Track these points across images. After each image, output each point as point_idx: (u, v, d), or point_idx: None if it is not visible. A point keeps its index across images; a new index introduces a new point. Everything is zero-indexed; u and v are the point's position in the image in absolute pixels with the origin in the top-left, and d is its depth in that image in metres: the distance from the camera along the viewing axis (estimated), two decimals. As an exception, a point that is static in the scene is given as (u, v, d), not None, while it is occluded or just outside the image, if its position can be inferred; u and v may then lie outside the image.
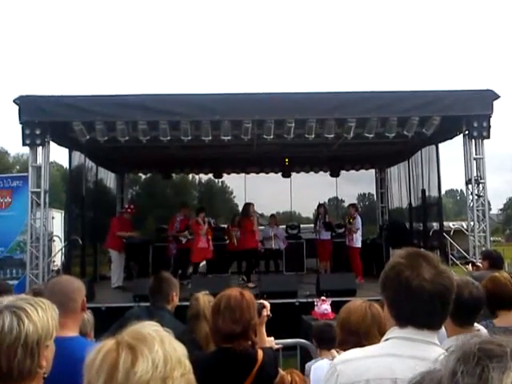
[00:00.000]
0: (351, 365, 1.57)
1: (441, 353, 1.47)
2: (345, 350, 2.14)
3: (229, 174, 14.70)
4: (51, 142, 9.28)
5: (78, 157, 11.11)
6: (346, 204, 16.60)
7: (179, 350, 1.16)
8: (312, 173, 14.70)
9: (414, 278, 1.51)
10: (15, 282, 10.17)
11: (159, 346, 1.10)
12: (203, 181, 22.07)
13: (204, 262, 11.40)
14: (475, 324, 2.60)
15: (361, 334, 2.29)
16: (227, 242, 11.65)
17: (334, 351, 2.26)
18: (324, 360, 3.29)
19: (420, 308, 1.51)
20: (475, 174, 9.28)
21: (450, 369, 0.74)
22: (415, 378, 0.82)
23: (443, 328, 2.35)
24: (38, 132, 8.82)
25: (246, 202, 11.30)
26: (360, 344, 2.03)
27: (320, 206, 12.03)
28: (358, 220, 10.80)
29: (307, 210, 20.46)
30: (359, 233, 10.75)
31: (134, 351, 1.08)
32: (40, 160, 9.16)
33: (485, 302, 2.63)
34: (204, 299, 3.45)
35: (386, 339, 1.60)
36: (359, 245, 10.77)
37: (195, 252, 10.46)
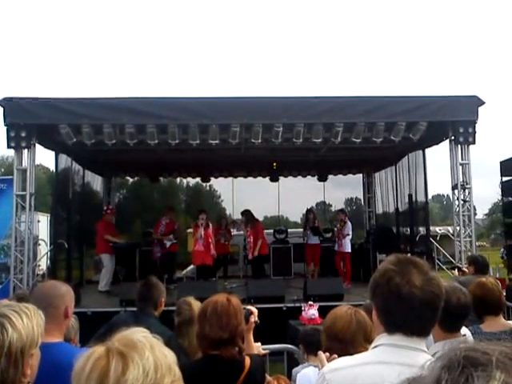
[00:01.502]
0: (340, 373, 1.56)
1: (429, 359, 1.47)
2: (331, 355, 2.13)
3: (216, 177, 14.67)
4: (37, 145, 9.18)
5: (65, 160, 11.00)
6: (333, 208, 16.68)
7: (169, 356, 1.15)
8: (300, 177, 14.73)
9: (404, 284, 1.50)
10: (-2, 287, 10.03)
11: (150, 352, 1.09)
12: (191, 184, 21.95)
13: (192, 266, 11.38)
14: (463, 328, 2.62)
15: (346, 341, 2.28)
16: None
17: (320, 353, 2.23)
18: (310, 368, 3.28)
19: (410, 315, 1.51)
20: (461, 180, 9.38)
21: (434, 376, 0.74)
22: None
23: (431, 334, 2.36)
24: (23, 134, 8.72)
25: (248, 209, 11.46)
26: (345, 351, 2.02)
27: (309, 211, 12.03)
28: (349, 225, 10.85)
29: (295, 215, 20.47)
30: (348, 238, 10.79)
31: (125, 358, 1.06)
32: (25, 163, 9.07)
33: (472, 308, 2.64)
34: (197, 304, 3.43)
35: (375, 346, 1.59)
36: (349, 249, 10.81)
37: (192, 255, 10.74)
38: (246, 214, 11.31)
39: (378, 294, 1.59)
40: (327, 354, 2.12)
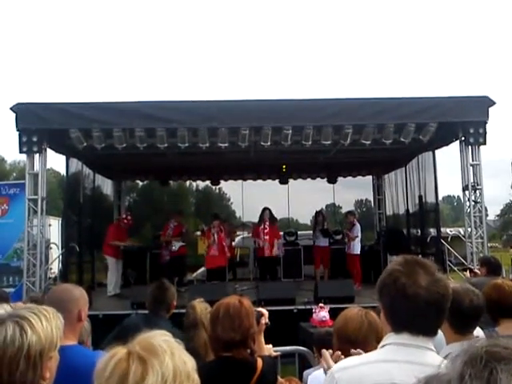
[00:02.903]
0: (349, 372, 1.59)
1: (436, 358, 1.49)
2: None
3: (226, 180, 14.69)
4: (48, 149, 9.25)
5: (76, 164, 11.06)
6: (343, 210, 16.61)
7: (189, 363, 1.16)
8: (309, 179, 14.70)
9: (411, 285, 1.53)
10: (12, 290, 10.12)
11: (169, 359, 1.10)
12: (200, 187, 22.07)
13: (203, 269, 11.41)
14: (477, 329, 2.60)
15: (358, 343, 2.27)
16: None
17: (324, 351, 2.22)
18: (321, 370, 3.27)
19: (416, 315, 1.54)
20: (472, 180, 9.30)
21: (457, 372, 0.75)
22: (420, 382, 0.82)
23: (442, 335, 2.35)
24: (34, 139, 8.80)
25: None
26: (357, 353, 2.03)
27: (318, 213, 12.00)
28: (358, 227, 10.82)
29: (305, 217, 20.47)
30: (358, 240, 10.77)
31: (145, 364, 1.08)
32: (37, 167, 9.15)
33: (484, 310, 2.63)
34: (200, 307, 3.45)
35: (383, 345, 1.62)
36: (358, 251, 10.79)
37: (207, 260, 10.88)
38: (270, 210, 11.25)
39: (385, 294, 1.62)
40: (330, 351, 2.13)
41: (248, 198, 14.96)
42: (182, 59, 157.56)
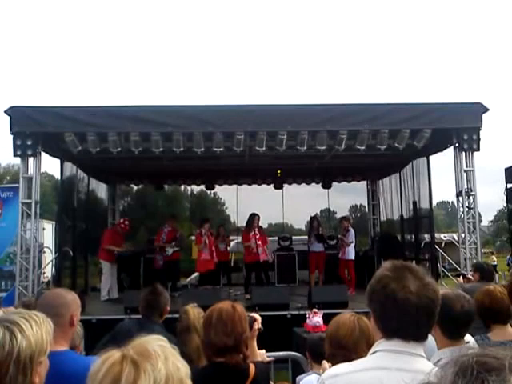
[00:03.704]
0: (340, 380, 1.57)
1: (427, 365, 1.49)
2: (334, 363, 2.14)
3: (221, 185, 14.67)
4: (42, 153, 9.23)
5: (70, 167, 11.02)
6: (337, 215, 16.63)
7: (182, 369, 1.16)
8: (304, 184, 14.73)
9: (400, 290, 1.52)
10: (4, 294, 10.07)
11: (163, 364, 1.11)
12: (195, 192, 21.97)
13: (197, 274, 11.36)
14: (466, 336, 2.61)
15: (349, 348, 2.28)
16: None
17: (324, 362, 2.24)
18: (313, 375, 3.27)
19: (406, 320, 1.52)
20: (466, 187, 9.35)
21: (449, 382, 0.75)
22: None
23: (433, 341, 2.36)
24: (29, 143, 8.77)
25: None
26: (349, 358, 2.03)
27: (313, 218, 12.00)
28: (352, 233, 10.84)
29: (299, 222, 20.42)
30: (352, 245, 10.78)
31: (138, 367, 1.08)
32: (31, 171, 9.11)
33: (475, 316, 2.63)
34: (194, 312, 3.44)
35: (373, 352, 1.61)
36: (352, 257, 10.79)
37: (199, 263, 10.76)
38: (258, 217, 11.15)
39: (375, 300, 1.61)
40: (330, 364, 2.13)
41: (243, 202, 14.93)
42: (178, 63, 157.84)
